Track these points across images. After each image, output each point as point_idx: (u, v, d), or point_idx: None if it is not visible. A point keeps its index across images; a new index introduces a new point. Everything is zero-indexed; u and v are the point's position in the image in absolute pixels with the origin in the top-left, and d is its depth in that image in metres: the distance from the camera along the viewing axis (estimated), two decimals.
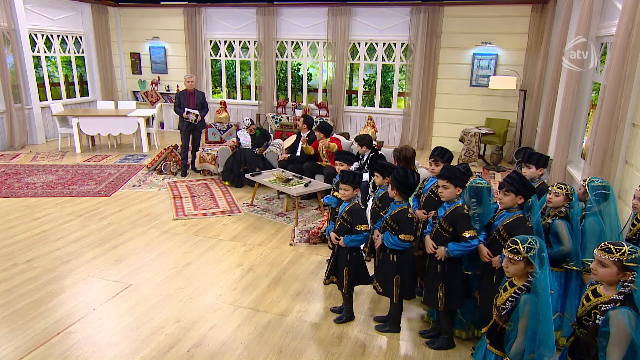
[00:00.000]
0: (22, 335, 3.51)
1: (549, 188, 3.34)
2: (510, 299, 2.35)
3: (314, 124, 7.38)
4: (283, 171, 6.62)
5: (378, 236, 3.52)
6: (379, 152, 6.14)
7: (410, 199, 3.83)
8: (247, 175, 6.73)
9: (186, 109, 7.64)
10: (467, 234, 3.09)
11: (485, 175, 8.37)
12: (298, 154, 7.19)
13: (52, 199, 6.67)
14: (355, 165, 6.28)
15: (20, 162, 8.62)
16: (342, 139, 7.04)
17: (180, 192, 7.05)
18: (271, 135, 7.98)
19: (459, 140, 9.15)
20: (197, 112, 7.66)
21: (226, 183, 7.49)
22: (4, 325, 3.62)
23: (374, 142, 8.90)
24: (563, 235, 3.14)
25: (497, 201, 3.22)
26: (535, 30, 8.82)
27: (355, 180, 3.60)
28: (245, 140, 7.59)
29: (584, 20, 5.00)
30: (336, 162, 4.56)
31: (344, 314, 3.80)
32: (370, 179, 5.93)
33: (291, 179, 6.24)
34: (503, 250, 2.46)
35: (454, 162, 4.09)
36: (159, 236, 5.44)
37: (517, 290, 2.33)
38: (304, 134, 7.22)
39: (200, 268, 4.65)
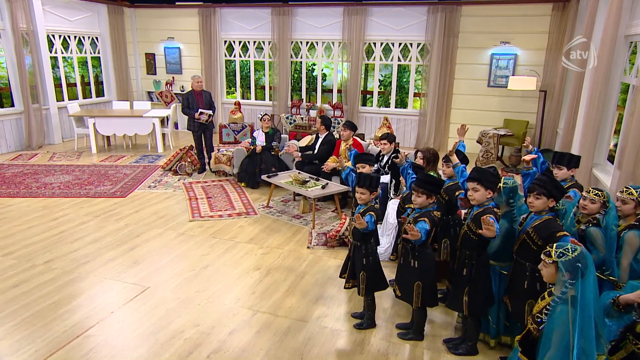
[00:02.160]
0: (41, 337, 3.49)
1: (583, 194, 3.22)
2: (546, 308, 2.25)
3: (332, 126, 7.31)
4: (299, 172, 6.56)
5: (409, 224, 3.14)
6: (400, 152, 6.02)
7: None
8: (263, 177, 6.67)
9: (200, 109, 7.62)
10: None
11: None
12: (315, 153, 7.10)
13: (69, 199, 6.68)
14: (375, 166, 6.20)
15: (38, 162, 8.67)
16: (361, 141, 6.95)
17: (195, 193, 7.02)
18: (282, 135, 7.90)
19: (477, 141, 9.01)
20: (210, 112, 7.64)
21: (242, 184, 7.45)
22: (24, 328, 3.60)
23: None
24: (600, 244, 3.02)
25: (528, 204, 3.11)
26: (555, 29, 8.63)
27: (372, 184, 3.51)
28: (261, 138, 7.54)
29: (612, 18, 4.85)
30: (357, 165, 4.48)
31: (365, 320, 3.72)
32: (391, 181, 5.85)
33: (308, 181, 6.17)
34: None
35: (471, 164, 4.03)
36: (176, 238, 5.40)
37: (555, 300, 2.23)
38: (322, 135, 7.15)
39: (218, 271, 4.60)
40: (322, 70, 11.52)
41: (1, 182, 7.39)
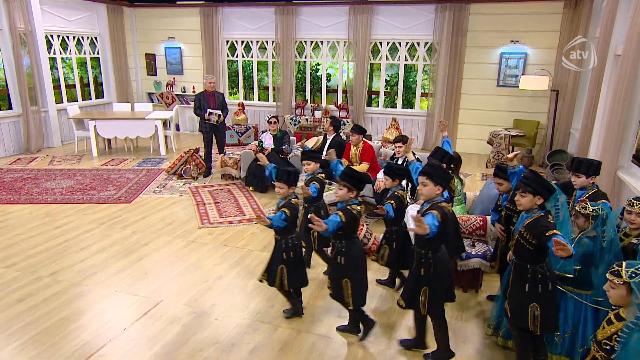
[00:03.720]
0: (52, 358, 3.27)
1: (626, 207, 3.00)
2: (617, 334, 2.06)
3: (341, 126, 7.11)
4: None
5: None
6: (415, 155, 5.83)
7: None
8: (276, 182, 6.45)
9: (208, 110, 7.42)
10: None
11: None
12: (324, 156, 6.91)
13: (72, 205, 6.45)
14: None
15: (37, 167, 8.43)
16: (372, 143, 6.75)
17: (203, 198, 6.80)
18: (291, 138, 7.70)
19: (487, 142, 8.83)
20: (219, 112, 7.44)
21: (250, 188, 7.24)
22: (33, 347, 3.38)
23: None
24: None
25: (515, 202, 3.01)
26: (567, 27, 8.46)
27: (290, 179, 3.51)
28: (268, 141, 7.34)
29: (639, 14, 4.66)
30: (303, 161, 4.44)
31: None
32: (407, 185, 5.65)
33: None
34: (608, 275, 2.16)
35: (481, 165, 3.83)
36: (186, 246, 5.19)
37: (629, 326, 2.03)
38: (330, 137, 6.95)
39: (233, 282, 4.39)
40: (326, 70, 11.31)
41: (0, 187, 7.15)
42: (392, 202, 3.75)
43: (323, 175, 4.51)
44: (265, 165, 3.96)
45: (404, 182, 5.69)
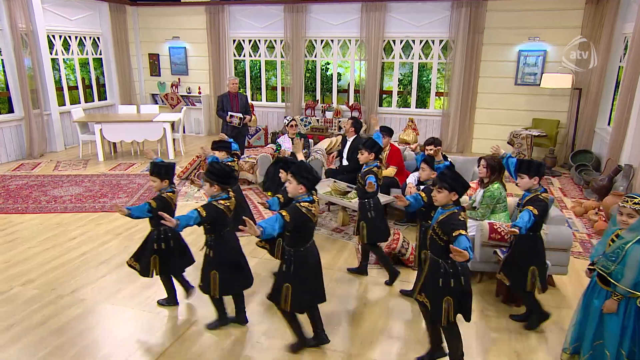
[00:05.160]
0: None
1: (620, 205, 2.78)
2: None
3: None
4: (335, 181, 6.07)
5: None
6: (448, 159, 5.56)
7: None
8: None
9: (229, 113, 7.15)
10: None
11: (541, 180, 7.76)
12: (345, 162, 6.64)
13: (84, 214, 6.12)
14: (417, 174, 5.74)
15: (42, 173, 8.08)
16: (400, 147, 6.48)
17: None
18: (310, 141, 7.42)
19: (508, 143, 8.60)
20: (241, 115, 7.18)
21: (268, 193, 6.92)
22: None
23: (418, 146, 8.38)
24: None
25: (432, 197, 2.99)
26: (589, 23, 8.23)
27: (162, 172, 3.59)
28: (287, 144, 7.05)
29: None
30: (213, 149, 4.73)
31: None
32: None
33: (349, 191, 5.69)
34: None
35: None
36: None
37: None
38: (350, 138, 6.67)
39: (265, 300, 4.08)
40: (336, 69, 11.03)
41: (6, 196, 6.80)
42: (373, 175, 4.09)
43: (232, 163, 4.80)
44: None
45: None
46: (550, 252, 4.08)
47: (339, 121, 10.30)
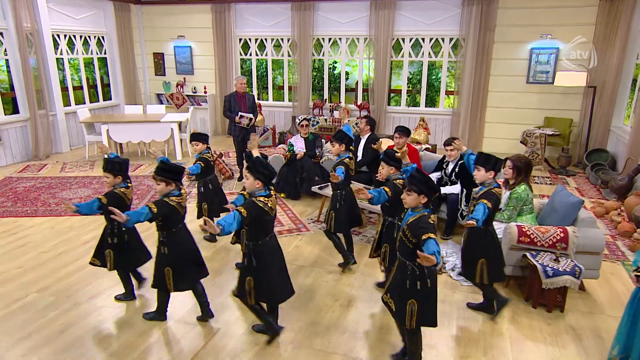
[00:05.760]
0: None
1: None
2: None
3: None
4: (352, 182, 5.95)
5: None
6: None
7: None
8: (314, 188, 6.06)
9: (240, 113, 7.02)
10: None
11: (555, 180, 7.69)
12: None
13: (95, 217, 5.94)
14: (437, 175, 5.64)
15: (49, 174, 7.95)
16: (417, 147, 6.37)
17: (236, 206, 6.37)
18: (323, 140, 7.31)
19: (521, 142, 8.50)
20: (250, 115, 7.05)
21: (282, 195, 6.83)
22: None
23: (428, 145, 8.28)
24: None
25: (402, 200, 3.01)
26: (604, 20, 8.10)
27: (115, 168, 3.67)
28: (299, 144, 6.94)
29: None
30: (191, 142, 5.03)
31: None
32: (462, 191, 5.29)
33: None
34: None
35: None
36: (230, 262, 4.78)
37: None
38: (365, 136, 6.55)
39: (293, 304, 3.98)
40: (344, 68, 10.90)
41: (15, 198, 6.68)
42: (342, 167, 4.27)
43: (208, 155, 5.06)
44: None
45: (456, 188, 5.35)
46: (580, 256, 3.99)
47: (348, 120, 10.18)
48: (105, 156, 3.87)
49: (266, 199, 3.10)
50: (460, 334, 3.57)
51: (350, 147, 4.62)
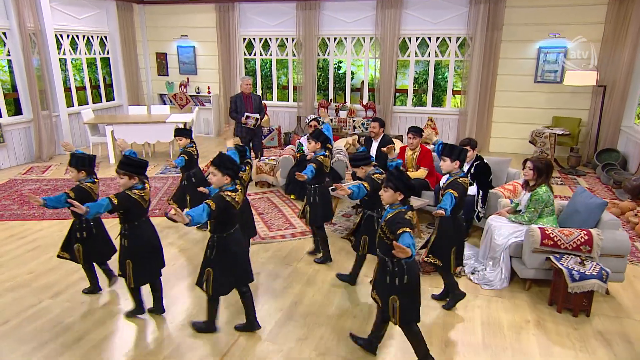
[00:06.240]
0: None
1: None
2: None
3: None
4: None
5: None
6: (484, 160, 5.39)
7: None
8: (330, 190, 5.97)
9: (246, 114, 6.93)
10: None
11: (566, 180, 7.63)
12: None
13: (105, 220, 5.87)
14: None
15: (54, 176, 7.85)
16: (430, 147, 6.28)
17: None
18: (332, 140, 7.22)
19: (530, 142, 8.44)
20: (257, 116, 6.96)
21: (291, 196, 6.75)
22: None
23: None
24: None
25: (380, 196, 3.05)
26: (613, 19, 8.05)
27: (79, 163, 3.74)
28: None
29: None
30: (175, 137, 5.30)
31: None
32: (478, 192, 5.22)
33: None
34: None
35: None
36: None
37: None
38: (377, 140, 6.46)
39: (314, 310, 3.90)
40: (350, 68, 10.82)
41: (20, 201, 6.57)
42: (314, 164, 4.43)
43: (192, 148, 5.30)
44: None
45: (472, 190, 5.27)
46: (604, 259, 3.93)
47: (354, 120, 10.11)
48: (71, 152, 3.97)
49: (233, 193, 3.19)
50: (487, 340, 3.49)
51: (328, 145, 4.79)
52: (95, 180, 3.88)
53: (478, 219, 5.23)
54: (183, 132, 5.38)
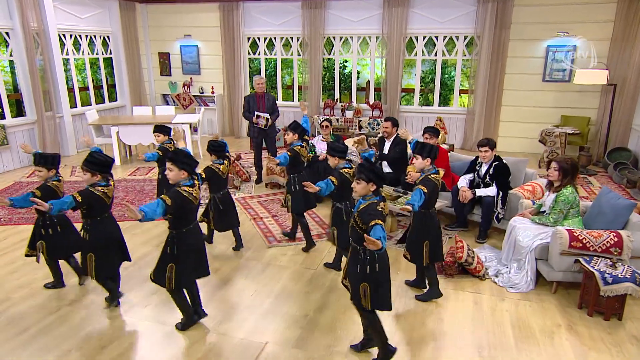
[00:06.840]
0: None
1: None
2: None
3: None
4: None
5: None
6: (503, 161, 5.33)
7: None
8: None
9: (256, 113, 6.84)
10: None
11: (578, 180, 7.57)
12: (385, 167, 6.34)
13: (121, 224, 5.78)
14: (469, 177, 5.50)
15: None
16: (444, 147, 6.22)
17: (257, 212, 6.21)
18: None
19: (540, 141, 8.40)
20: (267, 115, 6.87)
21: None
22: None
23: (445, 145, 8.14)
24: None
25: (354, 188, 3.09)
26: (623, 17, 8.01)
27: (47, 162, 3.82)
28: (321, 147, 6.77)
29: None
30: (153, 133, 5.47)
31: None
32: (498, 193, 5.16)
33: (400, 196, 5.43)
34: None
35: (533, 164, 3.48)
36: (263, 270, 4.61)
37: None
38: (389, 140, 6.39)
39: (338, 316, 3.82)
40: (356, 67, 10.74)
41: None
42: (289, 152, 4.65)
43: (170, 145, 5.34)
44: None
45: (492, 190, 5.20)
46: (635, 262, 3.87)
47: (360, 120, 10.04)
48: (33, 152, 4.02)
49: (190, 188, 3.23)
50: (520, 345, 3.43)
51: (305, 137, 4.97)
52: (60, 178, 3.95)
53: (498, 220, 5.17)
54: (162, 129, 5.50)
